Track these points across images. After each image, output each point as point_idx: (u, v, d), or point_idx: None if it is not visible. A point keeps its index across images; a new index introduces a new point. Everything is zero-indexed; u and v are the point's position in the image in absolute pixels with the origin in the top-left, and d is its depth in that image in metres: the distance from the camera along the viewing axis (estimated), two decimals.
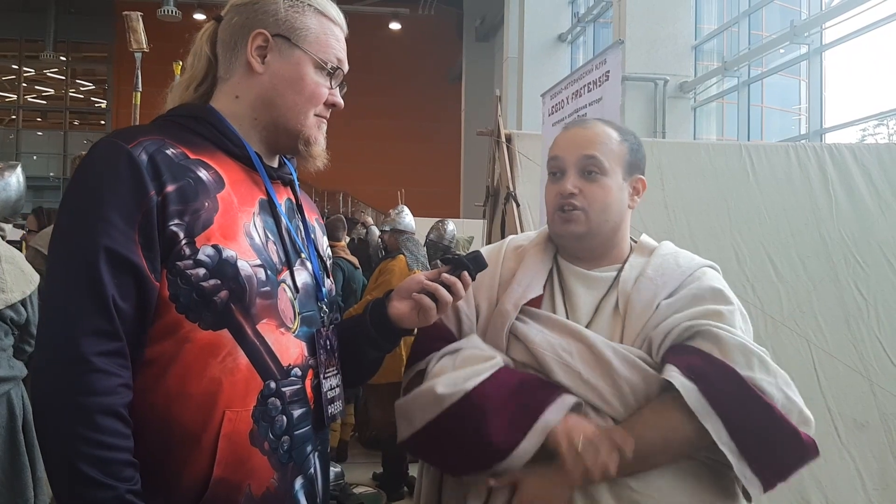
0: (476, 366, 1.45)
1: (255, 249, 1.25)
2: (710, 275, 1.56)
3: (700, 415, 1.33)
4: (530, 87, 11.73)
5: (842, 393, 2.95)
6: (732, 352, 1.39)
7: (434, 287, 1.38)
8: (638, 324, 1.47)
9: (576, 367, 1.43)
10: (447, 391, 1.41)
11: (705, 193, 3.35)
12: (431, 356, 1.52)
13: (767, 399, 1.37)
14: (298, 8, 1.34)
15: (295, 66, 1.33)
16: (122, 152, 1.17)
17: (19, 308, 2.69)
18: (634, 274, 1.54)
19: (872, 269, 3.18)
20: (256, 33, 1.32)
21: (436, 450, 1.49)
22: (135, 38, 4.10)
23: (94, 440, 1.09)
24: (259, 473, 1.22)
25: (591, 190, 1.52)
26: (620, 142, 1.56)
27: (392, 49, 19.44)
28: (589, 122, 1.62)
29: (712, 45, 9.67)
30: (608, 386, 1.41)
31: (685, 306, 1.47)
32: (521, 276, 1.57)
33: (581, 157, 1.54)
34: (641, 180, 1.60)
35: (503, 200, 3.72)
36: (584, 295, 1.55)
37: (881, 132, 8.48)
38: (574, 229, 1.54)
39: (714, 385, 1.34)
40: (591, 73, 3.01)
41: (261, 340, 1.23)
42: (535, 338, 1.49)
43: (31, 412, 2.72)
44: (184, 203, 1.19)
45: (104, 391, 1.10)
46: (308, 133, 1.36)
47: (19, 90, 23.04)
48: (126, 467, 1.11)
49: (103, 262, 1.12)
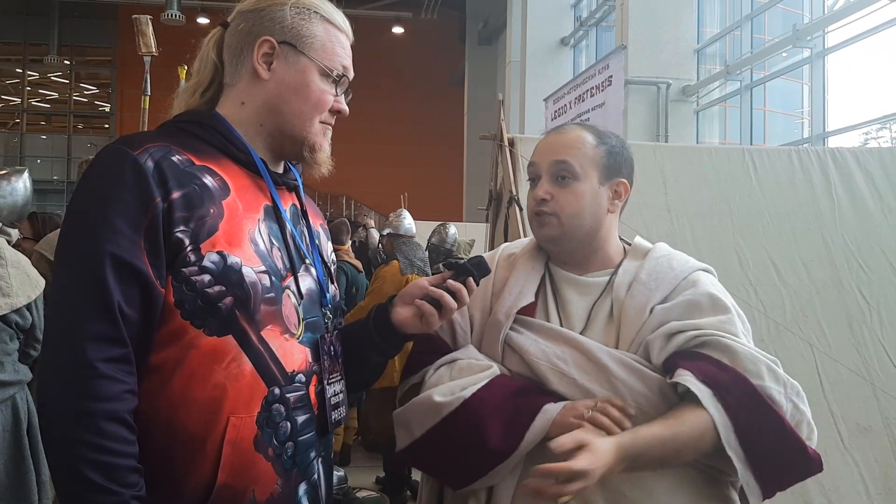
0: (473, 375, 1.46)
1: (259, 256, 1.26)
2: (705, 279, 1.55)
3: (714, 418, 1.33)
4: (533, 90, 11.74)
5: (845, 397, 2.94)
6: (743, 361, 1.40)
7: (439, 294, 1.38)
8: (633, 329, 1.47)
9: (570, 373, 1.44)
10: (445, 399, 1.42)
11: (708, 197, 3.35)
12: (427, 368, 1.53)
13: (778, 409, 1.37)
14: (305, 15, 1.35)
15: (301, 73, 1.34)
16: (128, 159, 1.18)
17: (25, 312, 2.70)
18: (628, 279, 1.54)
19: (875, 272, 3.17)
20: (263, 40, 1.33)
21: (435, 458, 1.50)
22: (144, 41, 4.11)
23: (99, 445, 1.09)
24: (263, 479, 1.23)
25: (562, 195, 1.53)
26: (596, 146, 1.56)
27: (395, 53, 19.47)
28: (566, 128, 1.64)
29: (715, 49, 9.66)
30: (605, 390, 1.41)
31: (683, 314, 1.47)
32: (512, 284, 1.58)
33: (553, 163, 1.55)
34: (623, 183, 1.59)
35: (506, 204, 3.73)
36: (578, 301, 1.55)
37: (884, 136, 8.48)
38: (547, 233, 1.55)
39: (727, 391, 1.35)
40: (593, 77, 3.02)
41: (265, 346, 1.24)
42: (530, 347, 1.49)
43: (36, 415, 2.75)
44: (189, 210, 1.20)
45: (109, 397, 1.11)
46: (313, 140, 1.37)
47: (23, 94, 23.10)
48: (130, 473, 1.12)
49: (109, 269, 1.13)
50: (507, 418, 1.39)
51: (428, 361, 1.54)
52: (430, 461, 1.54)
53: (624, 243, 1.65)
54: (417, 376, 1.54)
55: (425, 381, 1.51)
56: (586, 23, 12.05)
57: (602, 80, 2.83)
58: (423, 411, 1.45)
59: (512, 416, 1.40)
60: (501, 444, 1.38)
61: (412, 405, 1.49)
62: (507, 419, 1.39)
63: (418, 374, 1.54)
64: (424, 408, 1.45)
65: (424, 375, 1.53)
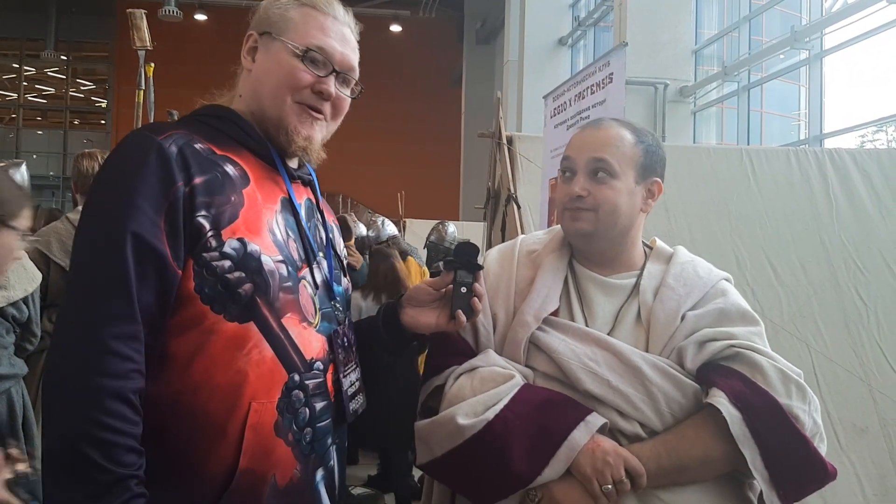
0: (495, 388, 1.43)
1: (277, 245, 1.28)
2: (731, 289, 1.57)
3: (740, 442, 1.35)
4: (530, 90, 11.72)
5: (842, 398, 2.95)
6: (773, 381, 1.41)
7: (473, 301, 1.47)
8: (664, 334, 1.47)
9: (604, 375, 1.43)
10: (468, 422, 1.39)
11: (706, 197, 3.35)
12: (448, 372, 1.51)
13: (801, 428, 1.39)
14: (282, 4, 1.40)
15: (275, 55, 1.37)
16: (153, 143, 1.22)
17: (21, 306, 2.68)
18: (654, 283, 1.54)
19: (872, 273, 3.18)
20: (248, 35, 1.41)
21: (456, 476, 1.48)
22: (138, 35, 4.12)
23: (101, 422, 1.09)
24: (283, 464, 1.24)
25: (600, 191, 1.51)
26: (635, 144, 1.55)
27: (392, 51, 19.44)
28: (604, 124, 1.60)
29: (712, 50, 9.67)
30: (639, 393, 1.41)
31: (715, 322, 1.48)
32: (539, 286, 1.55)
33: (591, 160, 1.53)
34: (658, 183, 1.58)
35: (504, 202, 3.73)
36: (604, 303, 1.54)
37: (880, 138, 8.50)
38: (582, 227, 1.53)
39: (757, 415, 1.36)
40: (594, 75, 3.01)
41: (285, 334, 1.26)
42: (559, 347, 1.47)
43: (31, 408, 2.74)
44: (210, 195, 1.22)
45: (117, 374, 1.11)
46: (287, 121, 1.36)
47: (20, 89, 23.05)
48: (129, 453, 1.12)
49: (130, 247, 1.14)
50: (532, 441, 1.37)
51: (450, 363, 1.52)
52: (450, 479, 1.52)
53: (644, 246, 1.65)
54: (440, 378, 1.52)
55: (446, 390, 1.49)
56: (584, 23, 12.04)
57: (603, 77, 2.81)
58: (446, 432, 1.43)
59: (537, 438, 1.37)
60: (525, 469, 1.36)
61: (434, 424, 1.46)
62: (532, 442, 1.37)
63: (441, 375, 1.52)
64: (447, 429, 1.42)
65: (447, 379, 1.50)
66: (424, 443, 1.48)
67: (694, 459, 1.38)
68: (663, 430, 1.41)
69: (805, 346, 3.02)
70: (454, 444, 1.41)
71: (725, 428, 1.35)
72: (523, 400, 1.42)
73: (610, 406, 1.42)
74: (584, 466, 1.34)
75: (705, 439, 1.38)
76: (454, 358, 1.52)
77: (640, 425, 1.41)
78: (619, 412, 1.41)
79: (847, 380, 2.98)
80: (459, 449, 1.40)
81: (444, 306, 1.47)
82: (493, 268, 1.64)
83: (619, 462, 1.34)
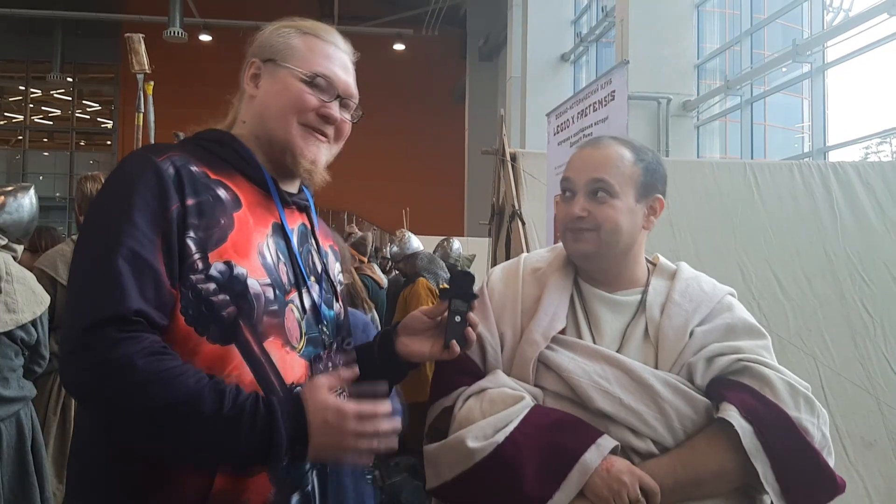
0: (505, 410, 1.42)
1: (266, 268, 1.29)
2: (737, 304, 1.58)
3: (752, 455, 1.35)
4: (533, 106, 11.77)
5: (849, 411, 2.94)
6: (782, 393, 1.41)
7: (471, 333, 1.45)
8: (673, 350, 1.47)
9: (615, 392, 1.42)
10: (478, 445, 1.38)
11: (710, 212, 3.36)
12: (458, 393, 1.50)
13: (810, 440, 1.39)
14: (284, 33, 1.43)
15: (280, 81, 1.40)
16: (151, 164, 1.25)
17: (30, 329, 2.70)
18: (660, 299, 1.54)
19: (878, 286, 3.18)
20: (250, 62, 1.43)
21: (467, 500, 1.46)
22: (136, 59, 4.19)
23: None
24: (257, 488, 1.24)
25: (600, 211, 1.51)
26: (634, 163, 1.54)
27: (396, 70, 19.54)
28: (602, 143, 1.60)
29: (715, 64, 9.70)
30: (651, 410, 1.40)
31: (722, 337, 1.48)
32: (546, 304, 1.55)
33: (590, 180, 1.53)
34: (659, 199, 1.58)
35: (508, 218, 3.74)
36: (611, 320, 1.53)
37: (884, 150, 8.49)
38: (584, 248, 1.53)
39: (768, 428, 1.36)
40: (596, 92, 3.03)
41: (266, 357, 1.26)
42: (569, 365, 1.46)
43: (39, 431, 2.75)
44: (200, 218, 1.24)
45: (136, 350, 1.12)
46: (294, 143, 1.38)
47: (26, 111, 23.23)
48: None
49: (126, 261, 1.16)
50: (543, 463, 1.36)
51: (459, 383, 1.51)
52: (461, 501, 1.50)
53: (646, 262, 1.65)
54: (449, 399, 1.51)
55: (455, 412, 1.48)
56: (586, 39, 12.11)
57: (605, 94, 2.83)
58: (456, 456, 1.41)
59: (549, 460, 1.36)
60: (536, 492, 1.34)
61: (443, 447, 1.45)
62: (543, 465, 1.36)
63: (449, 396, 1.51)
64: (457, 452, 1.41)
65: (456, 400, 1.49)
66: (434, 466, 1.47)
67: (709, 473, 1.38)
68: (675, 447, 1.41)
69: (812, 360, 3.01)
70: (464, 468, 1.40)
71: (737, 441, 1.35)
72: (534, 422, 1.41)
73: (622, 424, 1.41)
74: (600, 487, 1.33)
75: (719, 452, 1.38)
76: (462, 377, 1.51)
77: (652, 443, 1.40)
78: (632, 430, 1.41)
79: (855, 393, 2.97)
80: (470, 472, 1.39)
81: (439, 335, 1.46)
82: (498, 287, 1.63)
83: (634, 481, 1.33)
